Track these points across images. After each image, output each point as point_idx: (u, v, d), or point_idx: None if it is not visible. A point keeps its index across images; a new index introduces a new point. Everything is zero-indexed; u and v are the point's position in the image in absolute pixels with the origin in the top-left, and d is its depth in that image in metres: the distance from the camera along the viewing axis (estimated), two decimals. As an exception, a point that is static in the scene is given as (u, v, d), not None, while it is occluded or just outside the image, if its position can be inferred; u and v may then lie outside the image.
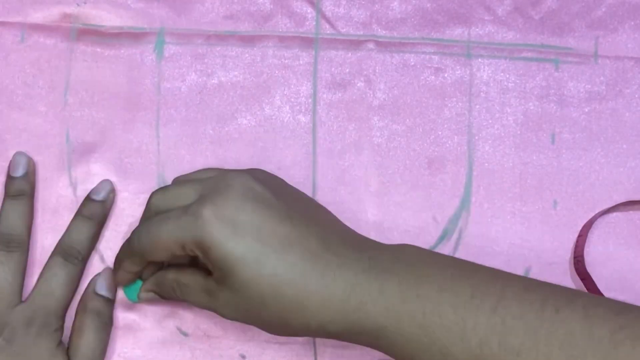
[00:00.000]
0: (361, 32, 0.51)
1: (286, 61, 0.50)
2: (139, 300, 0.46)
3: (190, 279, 0.43)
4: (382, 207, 0.49)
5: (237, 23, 0.51)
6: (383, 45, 0.51)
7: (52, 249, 0.48)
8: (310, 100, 0.50)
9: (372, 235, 0.49)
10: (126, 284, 0.46)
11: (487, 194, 0.50)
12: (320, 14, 0.51)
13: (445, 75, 0.51)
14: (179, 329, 0.48)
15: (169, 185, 0.46)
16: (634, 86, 0.51)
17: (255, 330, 0.47)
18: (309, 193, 0.49)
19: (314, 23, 0.51)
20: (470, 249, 0.49)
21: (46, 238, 0.48)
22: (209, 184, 0.43)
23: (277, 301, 0.40)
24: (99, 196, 0.48)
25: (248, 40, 0.50)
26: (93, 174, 0.49)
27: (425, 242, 0.49)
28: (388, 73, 0.50)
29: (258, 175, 0.44)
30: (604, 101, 0.51)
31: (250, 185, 0.42)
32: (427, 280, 0.40)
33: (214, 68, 0.50)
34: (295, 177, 0.49)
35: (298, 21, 0.51)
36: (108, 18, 0.50)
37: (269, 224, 0.41)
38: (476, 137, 0.50)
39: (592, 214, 0.49)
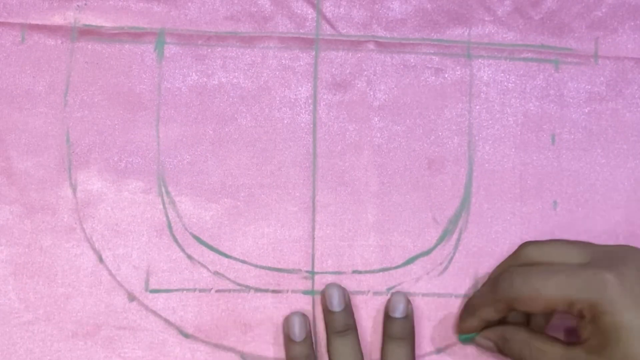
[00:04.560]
0: (361, 33, 0.51)
1: (286, 62, 0.50)
2: (473, 343, 0.46)
3: (548, 347, 0.42)
4: (382, 207, 0.49)
5: (237, 24, 0.51)
6: (383, 45, 0.51)
7: (51, 250, 0.48)
8: (310, 101, 0.50)
9: (372, 236, 0.49)
10: (473, 332, 0.46)
11: (487, 194, 0.50)
12: (321, 14, 0.51)
13: (446, 75, 0.51)
14: (180, 330, 0.48)
15: (544, 241, 0.46)
16: (634, 87, 0.51)
17: (256, 331, 0.47)
18: (308, 193, 0.49)
19: (315, 24, 0.51)
20: (470, 249, 0.49)
21: (46, 239, 0.48)
22: (598, 250, 0.43)
23: None
24: (400, 313, 0.47)
25: (248, 41, 0.50)
26: (93, 175, 0.49)
27: (425, 242, 0.49)
28: (388, 74, 0.51)
29: None
30: (604, 102, 0.51)
31: None
32: None
33: (214, 69, 0.50)
34: (295, 177, 0.49)
35: (298, 22, 0.51)
36: (108, 18, 0.50)
37: None
38: (476, 138, 0.50)
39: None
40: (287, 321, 0.47)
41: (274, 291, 0.48)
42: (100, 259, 0.48)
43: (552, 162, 0.50)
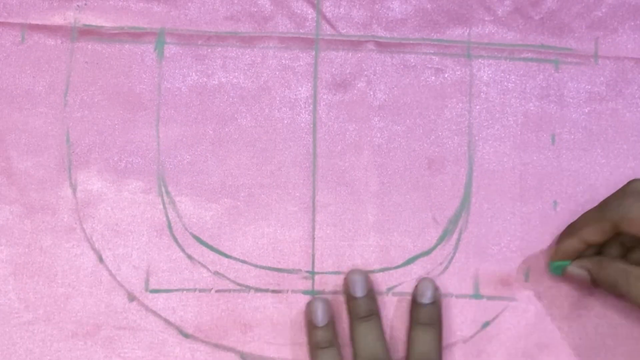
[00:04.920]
0: (361, 33, 0.51)
1: (286, 62, 0.50)
2: (563, 274, 0.46)
3: None
4: (382, 207, 0.49)
5: (237, 24, 0.51)
6: (383, 45, 0.51)
7: (51, 250, 0.48)
8: (310, 101, 0.50)
9: (372, 236, 0.49)
10: (567, 259, 0.46)
11: (487, 194, 0.50)
12: (321, 14, 0.51)
13: (446, 75, 0.51)
14: (180, 330, 0.48)
15: None
16: (634, 87, 0.51)
17: (255, 331, 0.48)
18: (308, 193, 0.49)
19: (314, 24, 0.51)
20: (470, 249, 0.49)
21: (46, 239, 0.48)
22: None
23: None
24: (427, 298, 0.47)
25: (248, 41, 0.50)
26: (93, 175, 0.49)
27: (425, 242, 0.49)
28: (388, 74, 0.51)
29: None
30: (604, 102, 0.51)
31: None
32: None
33: (214, 69, 0.50)
34: (295, 177, 0.49)
35: (298, 22, 0.51)
36: (108, 18, 0.50)
37: None
38: (476, 138, 0.50)
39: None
40: (309, 306, 0.47)
41: (274, 291, 0.48)
42: (100, 259, 0.48)
43: (552, 162, 0.50)
